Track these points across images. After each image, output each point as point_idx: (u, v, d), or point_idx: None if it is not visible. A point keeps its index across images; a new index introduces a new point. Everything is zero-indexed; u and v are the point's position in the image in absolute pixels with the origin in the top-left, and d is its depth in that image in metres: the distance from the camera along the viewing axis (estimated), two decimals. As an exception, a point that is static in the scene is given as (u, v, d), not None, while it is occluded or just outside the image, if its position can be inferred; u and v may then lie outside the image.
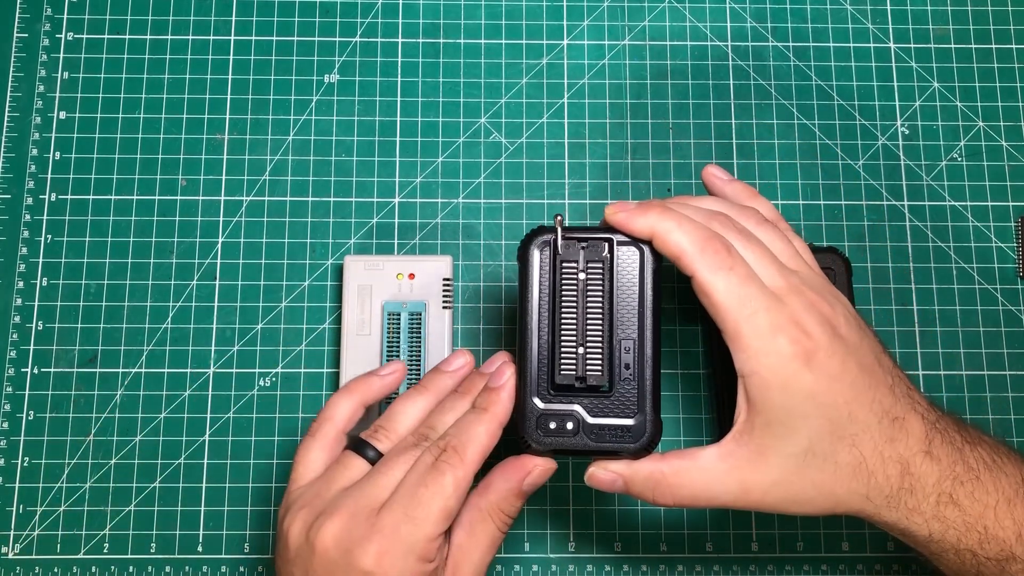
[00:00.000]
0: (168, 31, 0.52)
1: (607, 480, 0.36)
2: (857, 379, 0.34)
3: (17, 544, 0.46)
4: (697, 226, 0.34)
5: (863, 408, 0.34)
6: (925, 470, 0.34)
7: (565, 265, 0.37)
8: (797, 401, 0.33)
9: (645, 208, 0.35)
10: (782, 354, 0.33)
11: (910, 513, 0.35)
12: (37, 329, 0.49)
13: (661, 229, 0.35)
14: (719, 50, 0.53)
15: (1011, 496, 0.35)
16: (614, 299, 0.37)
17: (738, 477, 0.34)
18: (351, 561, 0.33)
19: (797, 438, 0.34)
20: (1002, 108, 0.52)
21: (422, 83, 0.52)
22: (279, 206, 0.50)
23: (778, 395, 0.33)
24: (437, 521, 0.34)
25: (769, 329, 0.33)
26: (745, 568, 0.47)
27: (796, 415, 0.33)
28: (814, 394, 0.33)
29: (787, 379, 0.33)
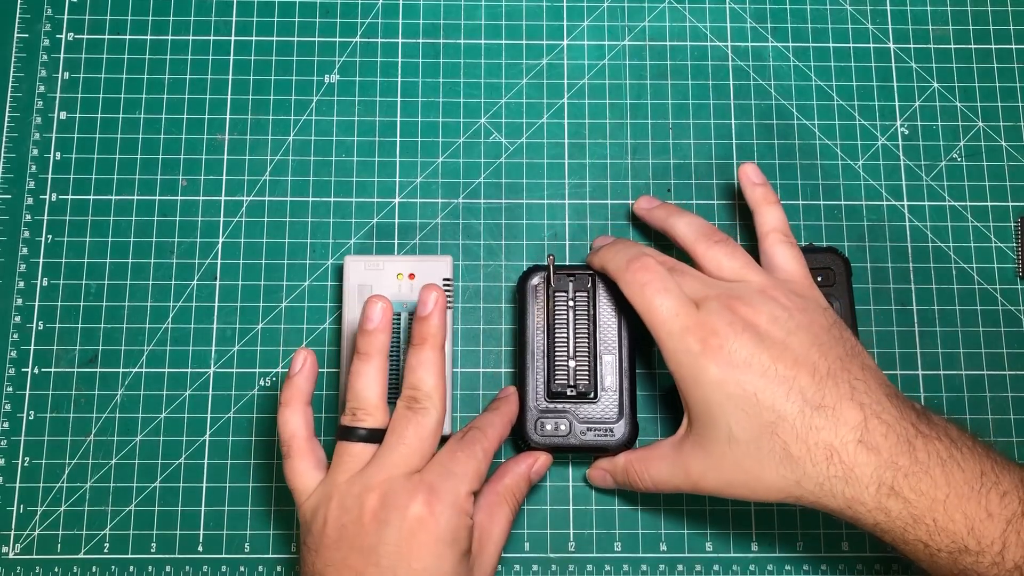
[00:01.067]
0: (168, 31, 0.52)
1: (599, 477, 0.45)
2: (768, 370, 0.37)
3: (17, 544, 0.46)
4: (627, 251, 0.41)
5: (778, 397, 0.36)
6: (860, 459, 0.35)
7: (557, 294, 0.45)
8: (709, 393, 0.37)
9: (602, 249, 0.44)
10: (691, 352, 0.38)
11: (851, 502, 0.36)
12: (38, 329, 0.49)
13: (599, 259, 0.43)
14: (719, 50, 0.53)
15: (964, 491, 0.35)
16: (597, 321, 0.45)
17: (683, 463, 0.39)
18: (403, 513, 0.36)
19: (719, 426, 0.37)
20: (1002, 108, 0.52)
21: (422, 83, 0.52)
22: (279, 206, 0.50)
23: (693, 389, 0.38)
24: (473, 479, 0.38)
25: (679, 331, 0.38)
26: (745, 568, 0.47)
27: (712, 405, 0.37)
28: (721, 385, 0.37)
29: (696, 374, 0.38)
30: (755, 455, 0.37)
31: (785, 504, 0.45)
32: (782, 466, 0.36)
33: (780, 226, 0.43)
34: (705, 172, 0.51)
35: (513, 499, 0.42)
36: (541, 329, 0.45)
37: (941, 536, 0.35)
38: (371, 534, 0.36)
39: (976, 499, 0.35)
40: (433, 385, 0.39)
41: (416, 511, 0.36)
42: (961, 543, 0.35)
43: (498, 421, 0.42)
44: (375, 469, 0.38)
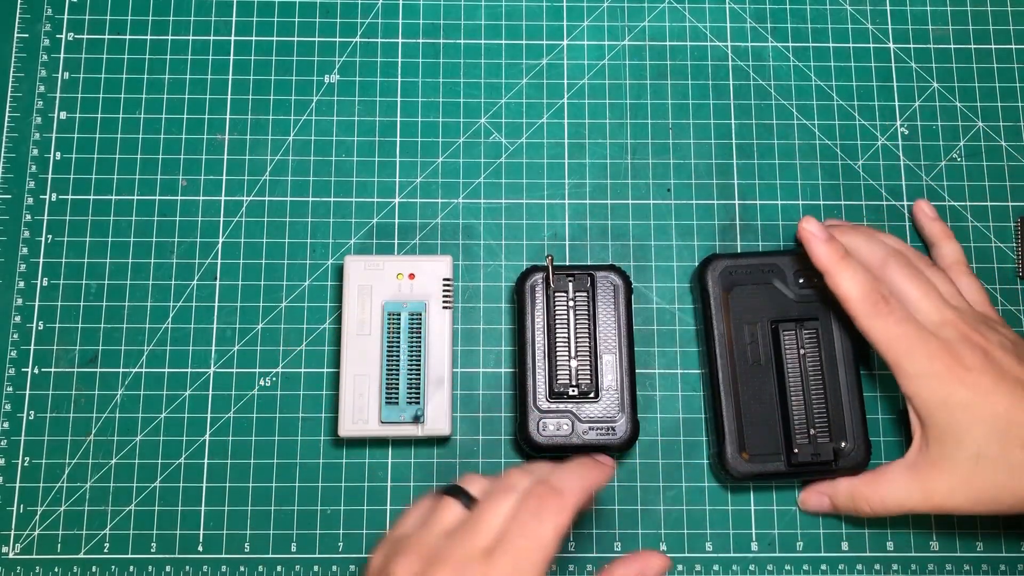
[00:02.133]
0: (168, 31, 0.52)
1: (815, 502, 0.46)
2: (1015, 390, 0.39)
3: (17, 544, 0.46)
4: (864, 277, 0.42)
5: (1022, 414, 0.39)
6: None
7: (557, 294, 0.46)
8: (957, 414, 0.39)
9: (830, 241, 0.43)
10: (939, 376, 0.40)
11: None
12: (38, 329, 0.49)
13: (835, 271, 0.42)
14: (719, 50, 0.53)
15: None
16: (597, 321, 0.45)
17: (920, 485, 0.41)
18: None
19: (965, 445, 0.39)
20: (1002, 108, 0.52)
21: (422, 83, 0.52)
22: (279, 206, 0.50)
23: (939, 411, 0.40)
24: (540, 570, 0.33)
25: (926, 357, 0.40)
26: (745, 568, 0.47)
27: (959, 426, 0.39)
28: (971, 406, 0.39)
29: (945, 397, 0.40)
30: (1006, 469, 0.39)
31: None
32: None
33: (962, 258, 0.47)
34: (705, 172, 0.51)
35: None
36: (541, 329, 0.45)
37: None
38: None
39: None
40: (563, 489, 0.34)
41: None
42: None
43: (587, 477, 0.36)
44: (455, 543, 0.34)
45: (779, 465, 0.44)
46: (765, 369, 0.45)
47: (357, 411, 0.45)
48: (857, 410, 0.44)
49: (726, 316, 0.46)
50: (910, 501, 0.41)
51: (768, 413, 0.45)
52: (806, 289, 0.46)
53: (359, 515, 0.47)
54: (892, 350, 0.41)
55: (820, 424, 0.44)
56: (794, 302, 0.46)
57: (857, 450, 0.44)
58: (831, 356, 0.45)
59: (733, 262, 0.46)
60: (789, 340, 0.45)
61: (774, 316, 0.46)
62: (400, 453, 0.48)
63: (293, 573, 0.46)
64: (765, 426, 0.44)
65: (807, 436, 0.44)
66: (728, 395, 0.45)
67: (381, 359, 0.46)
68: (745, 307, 0.46)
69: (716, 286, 0.46)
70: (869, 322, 0.41)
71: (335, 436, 0.47)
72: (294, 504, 0.47)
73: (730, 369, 0.45)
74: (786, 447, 0.44)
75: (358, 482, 0.47)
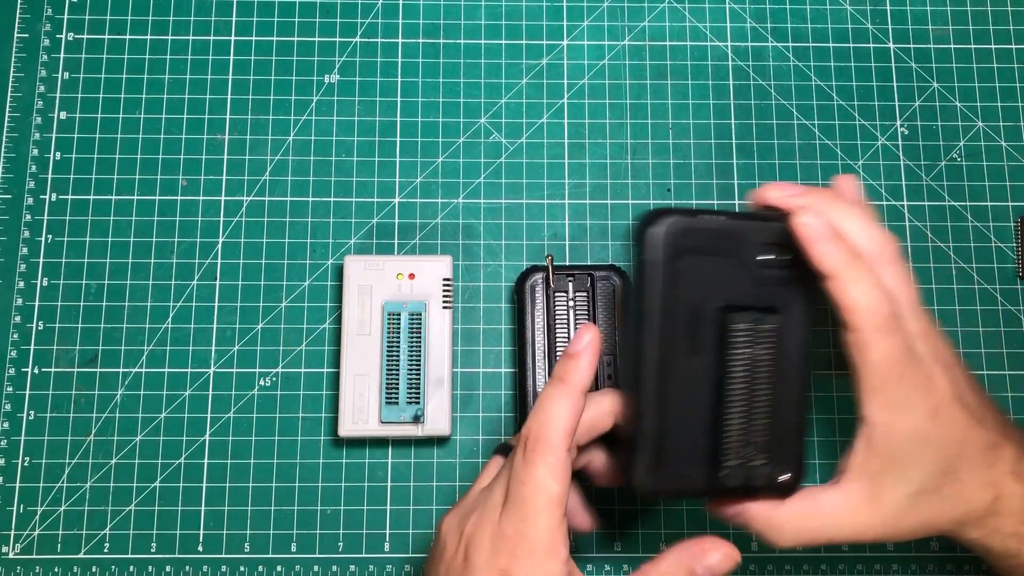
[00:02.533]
0: (168, 31, 0.52)
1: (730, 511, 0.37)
2: (968, 421, 0.36)
3: (17, 544, 0.46)
4: (876, 284, 0.35)
5: (971, 446, 0.36)
6: (1012, 491, 0.36)
7: (557, 294, 0.45)
8: (918, 449, 0.35)
9: (838, 239, 0.35)
10: (915, 409, 0.35)
11: (992, 532, 0.36)
12: (38, 329, 0.49)
13: (845, 277, 0.34)
14: (719, 50, 0.53)
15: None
16: (597, 321, 0.44)
17: (855, 519, 0.36)
18: (491, 568, 0.33)
19: (912, 480, 0.35)
20: (1002, 108, 0.52)
21: (422, 83, 0.52)
22: (279, 206, 0.50)
23: (902, 444, 0.35)
24: (547, 513, 0.33)
25: (911, 387, 0.35)
26: (745, 568, 0.47)
27: (915, 461, 0.35)
28: (933, 441, 0.35)
29: (914, 431, 0.35)
30: (936, 503, 0.36)
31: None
32: (953, 509, 0.36)
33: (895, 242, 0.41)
34: (705, 172, 0.51)
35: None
36: (541, 329, 0.45)
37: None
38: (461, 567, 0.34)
39: None
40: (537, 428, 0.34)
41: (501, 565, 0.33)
42: None
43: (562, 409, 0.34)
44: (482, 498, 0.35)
45: (698, 484, 0.35)
46: (703, 363, 0.35)
47: (357, 411, 0.45)
48: (798, 430, 0.36)
49: (668, 289, 0.34)
50: (841, 534, 0.36)
51: (697, 418, 0.35)
52: (767, 269, 0.35)
53: (359, 515, 0.47)
54: (882, 374, 0.34)
55: (759, 444, 0.35)
56: (751, 285, 0.35)
57: (793, 476, 0.36)
58: (786, 362, 0.35)
59: (687, 222, 0.34)
60: (742, 334, 0.35)
61: (726, 299, 0.35)
62: (400, 453, 0.48)
63: (293, 573, 0.46)
64: (689, 433, 0.35)
65: (741, 457, 0.35)
66: (652, 390, 0.34)
67: (381, 359, 0.46)
68: (692, 282, 0.34)
69: (664, 249, 0.34)
70: (873, 339, 0.34)
71: (335, 436, 0.47)
72: (294, 504, 0.47)
73: (660, 355, 0.34)
74: (710, 464, 0.35)
75: (358, 482, 0.47)
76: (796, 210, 0.35)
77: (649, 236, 0.34)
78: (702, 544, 0.34)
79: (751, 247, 0.35)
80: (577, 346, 0.35)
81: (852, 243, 0.35)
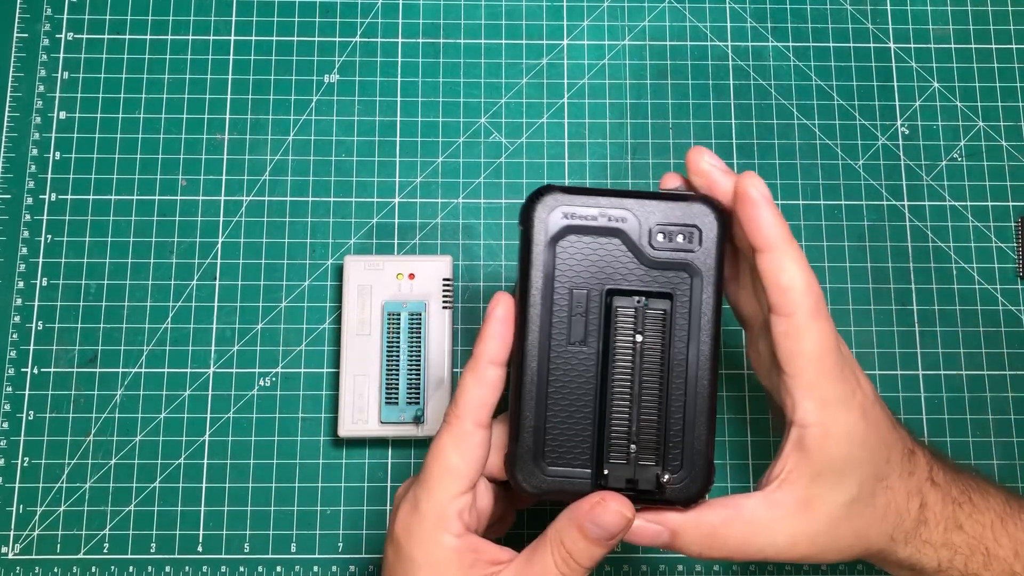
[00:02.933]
0: (168, 31, 0.52)
1: (648, 534, 0.33)
2: (889, 424, 0.34)
3: (17, 544, 0.46)
4: (807, 264, 0.32)
5: (895, 450, 0.34)
6: (933, 498, 0.35)
7: None
8: (853, 450, 0.32)
9: (776, 215, 0.32)
10: (849, 407, 0.32)
11: (923, 545, 0.34)
12: (37, 329, 0.49)
13: (783, 251, 0.32)
14: (719, 50, 0.53)
15: (1002, 514, 0.36)
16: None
17: (786, 529, 0.32)
18: (391, 530, 0.34)
19: (847, 487, 0.33)
20: (1002, 108, 0.52)
21: (422, 83, 0.52)
22: (279, 206, 0.50)
23: (838, 446, 0.32)
24: (442, 482, 0.32)
25: (843, 383, 0.32)
26: (745, 568, 0.47)
27: (850, 464, 0.33)
28: (866, 442, 0.33)
29: (850, 430, 0.32)
30: (869, 514, 0.33)
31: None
32: (884, 522, 0.34)
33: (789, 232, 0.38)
34: (705, 172, 0.51)
35: (559, 550, 0.32)
36: None
37: (994, 563, 0.35)
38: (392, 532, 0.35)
39: (1012, 521, 0.35)
40: (451, 402, 0.33)
41: (395, 531, 0.33)
42: (1009, 568, 0.35)
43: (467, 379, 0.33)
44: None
45: (584, 483, 0.33)
46: (587, 352, 0.33)
47: (357, 411, 0.45)
48: (703, 429, 0.32)
49: (549, 270, 0.33)
50: (771, 548, 0.32)
51: (581, 413, 0.33)
52: (665, 252, 0.33)
53: (359, 515, 0.47)
54: (818, 366, 0.32)
55: (646, 441, 0.32)
56: (644, 268, 0.33)
57: (693, 481, 0.32)
58: (681, 350, 0.32)
59: (573, 200, 0.33)
60: (625, 318, 0.32)
61: (613, 284, 0.33)
62: (400, 453, 0.48)
63: (293, 573, 0.46)
64: (573, 429, 0.33)
65: (625, 454, 0.32)
66: (533, 380, 0.32)
67: (381, 359, 0.46)
68: (576, 265, 0.33)
69: (543, 229, 0.32)
70: (807, 325, 0.32)
71: (335, 436, 0.47)
72: (294, 504, 0.47)
73: (540, 344, 0.33)
74: (595, 463, 0.33)
75: (358, 482, 0.47)
76: (714, 185, 0.33)
77: (529, 214, 0.33)
78: (591, 499, 0.32)
79: (645, 227, 0.33)
80: (487, 315, 0.33)
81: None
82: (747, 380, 0.49)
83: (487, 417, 0.33)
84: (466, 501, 0.33)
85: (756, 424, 0.48)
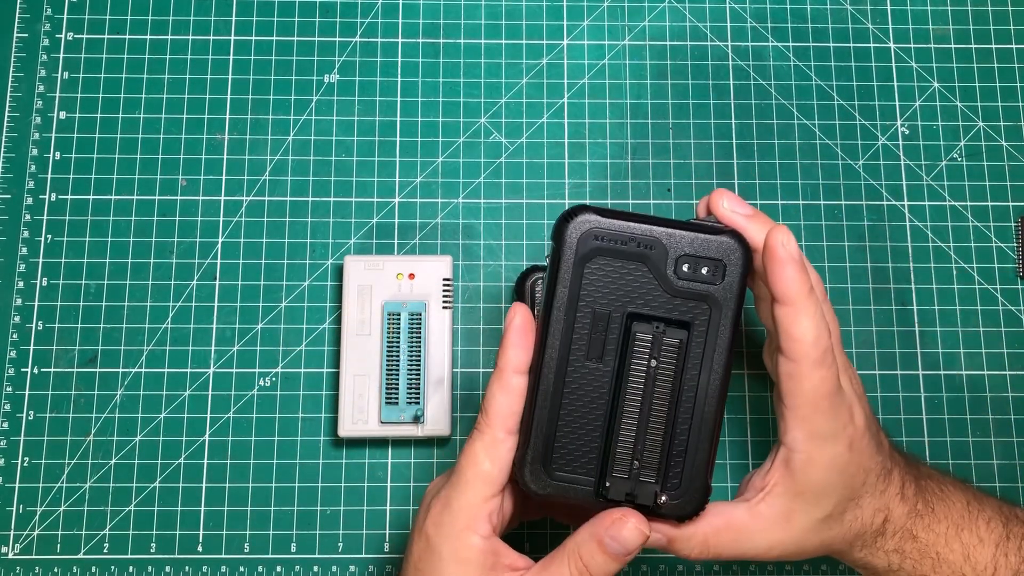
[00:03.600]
0: (168, 31, 0.52)
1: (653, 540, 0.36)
2: (874, 450, 0.37)
3: (17, 544, 0.46)
4: (822, 321, 0.35)
5: (872, 473, 0.37)
6: (898, 512, 0.38)
7: None
8: (834, 478, 0.36)
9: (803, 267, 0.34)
10: (837, 440, 0.35)
11: (875, 550, 0.38)
12: (37, 329, 0.49)
13: (799, 306, 0.34)
14: (719, 50, 0.53)
15: (958, 522, 0.38)
16: None
17: (766, 538, 0.36)
18: (422, 524, 0.35)
19: (823, 506, 0.36)
20: (1002, 108, 0.52)
21: (422, 83, 0.52)
22: (279, 206, 0.50)
23: (821, 473, 0.35)
24: (473, 486, 0.34)
25: (835, 420, 0.35)
26: (745, 568, 0.47)
27: (829, 488, 0.36)
28: (847, 470, 0.36)
29: (833, 461, 0.35)
30: (838, 528, 0.37)
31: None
32: (849, 532, 0.37)
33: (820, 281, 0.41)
34: (705, 172, 0.51)
35: (577, 563, 0.34)
36: None
37: (943, 567, 0.38)
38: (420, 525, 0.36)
39: (968, 528, 0.38)
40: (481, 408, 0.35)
41: (427, 529, 0.35)
42: (959, 571, 0.37)
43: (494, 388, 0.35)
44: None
45: (587, 492, 0.34)
46: (604, 371, 0.34)
47: (357, 411, 0.45)
48: (704, 454, 0.34)
49: (576, 289, 0.34)
50: (751, 551, 0.36)
51: (590, 425, 0.34)
52: (688, 283, 0.34)
53: (359, 515, 0.47)
54: (812, 406, 0.35)
55: (649, 459, 0.34)
56: (666, 296, 0.34)
57: (688, 501, 0.34)
58: (692, 379, 0.34)
59: (604, 222, 0.34)
60: (642, 343, 0.34)
61: (634, 308, 0.34)
62: (400, 453, 0.48)
63: (293, 573, 0.46)
64: (582, 440, 0.34)
65: (627, 470, 0.34)
66: (549, 390, 0.34)
67: (381, 359, 0.46)
68: (602, 286, 0.34)
69: (574, 249, 0.34)
70: (809, 372, 0.34)
71: (335, 436, 0.47)
72: (294, 504, 0.47)
73: (559, 358, 0.34)
74: (598, 473, 0.34)
75: (358, 482, 0.47)
76: (743, 228, 0.35)
77: (561, 233, 0.34)
78: (611, 515, 0.34)
79: (672, 256, 0.34)
80: (506, 327, 0.35)
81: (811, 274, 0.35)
82: (747, 380, 0.49)
83: (515, 424, 0.34)
84: (495, 504, 0.35)
85: (755, 425, 0.48)
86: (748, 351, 0.49)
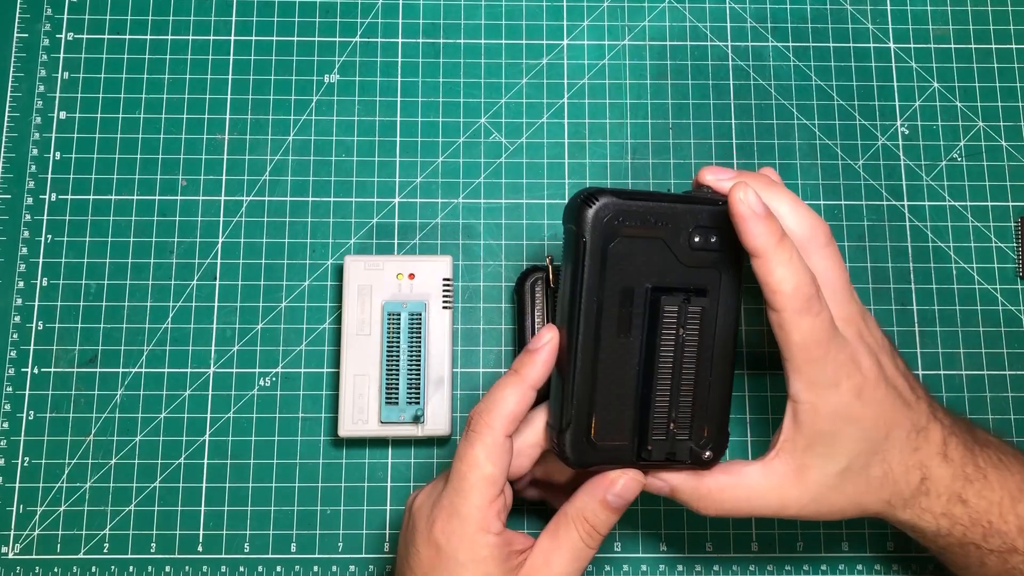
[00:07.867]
0: (168, 31, 0.52)
1: (654, 484, 0.38)
2: (895, 403, 0.37)
3: (17, 544, 0.46)
4: (801, 266, 0.35)
5: (898, 427, 0.37)
6: (940, 473, 0.37)
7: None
8: (843, 427, 0.36)
9: (769, 218, 0.35)
10: (839, 388, 0.36)
11: (922, 512, 0.37)
12: (37, 329, 0.49)
13: (771, 257, 0.34)
14: (719, 50, 0.53)
15: (1015, 493, 0.37)
16: None
17: (778, 494, 0.37)
18: (428, 534, 0.36)
19: (838, 459, 0.36)
20: (1002, 108, 0.52)
21: (422, 83, 0.52)
22: (279, 206, 0.50)
23: (827, 422, 0.36)
24: (479, 490, 0.35)
25: (833, 368, 0.36)
26: (745, 568, 0.47)
27: (840, 439, 0.36)
28: (859, 420, 0.36)
29: (839, 409, 0.36)
30: (863, 483, 0.37)
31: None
32: (881, 489, 0.37)
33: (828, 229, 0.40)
34: (705, 172, 0.51)
35: (583, 524, 0.36)
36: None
37: (994, 538, 0.37)
38: (411, 535, 0.37)
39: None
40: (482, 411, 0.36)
41: (435, 538, 0.36)
42: (1011, 543, 0.37)
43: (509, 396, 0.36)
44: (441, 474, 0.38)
45: (627, 457, 0.37)
46: (632, 343, 0.36)
47: (357, 411, 0.45)
48: (723, 407, 0.37)
49: (601, 269, 0.35)
50: (764, 508, 0.37)
51: (624, 395, 0.36)
52: (700, 251, 0.36)
53: (359, 515, 0.47)
54: (805, 354, 0.35)
55: (682, 420, 0.37)
56: (683, 266, 0.36)
57: (715, 449, 0.37)
58: (710, 341, 0.37)
59: (624, 204, 0.35)
60: (670, 315, 0.36)
61: (657, 281, 0.36)
62: (400, 453, 0.48)
63: (293, 573, 0.46)
64: (617, 409, 0.36)
65: (665, 433, 0.37)
66: (586, 366, 0.36)
67: (381, 359, 0.46)
68: (626, 264, 0.36)
69: (597, 232, 0.35)
70: (795, 320, 0.35)
71: (335, 436, 0.47)
72: (294, 504, 0.47)
73: (591, 334, 0.36)
74: (638, 438, 0.37)
75: (358, 482, 0.47)
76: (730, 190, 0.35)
77: (583, 216, 0.35)
78: (608, 475, 0.36)
79: (684, 229, 0.36)
80: (537, 343, 0.37)
81: (781, 224, 0.35)
82: (747, 380, 0.49)
83: (515, 428, 0.36)
84: (501, 501, 0.36)
85: (755, 425, 0.48)
86: (748, 351, 0.49)
